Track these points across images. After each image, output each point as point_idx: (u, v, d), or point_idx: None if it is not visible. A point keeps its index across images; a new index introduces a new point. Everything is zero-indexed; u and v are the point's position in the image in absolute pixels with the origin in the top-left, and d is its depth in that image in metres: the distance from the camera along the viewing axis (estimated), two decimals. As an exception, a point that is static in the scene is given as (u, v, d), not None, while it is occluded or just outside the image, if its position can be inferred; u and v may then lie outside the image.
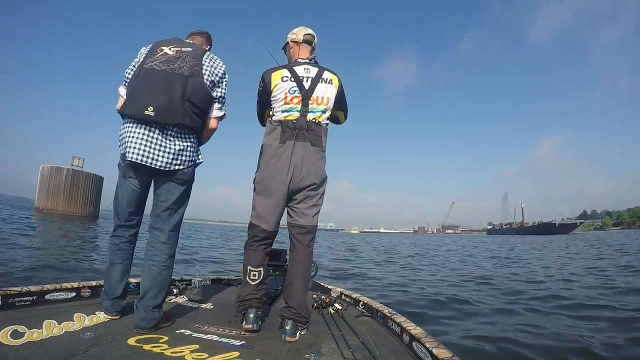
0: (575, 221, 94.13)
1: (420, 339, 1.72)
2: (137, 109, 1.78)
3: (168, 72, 1.83)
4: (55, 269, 5.47)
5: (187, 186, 2.03)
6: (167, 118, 1.80)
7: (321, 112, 2.14)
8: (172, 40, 1.98)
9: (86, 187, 27.65)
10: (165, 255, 1.99)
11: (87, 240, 10.99)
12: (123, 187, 1.95)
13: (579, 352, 2.96)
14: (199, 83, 1.87)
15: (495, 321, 4.00)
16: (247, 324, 2.02)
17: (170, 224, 2.01)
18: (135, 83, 1.83)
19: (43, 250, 7.46)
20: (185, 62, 1.87)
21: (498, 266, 10.23)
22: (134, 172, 1.90)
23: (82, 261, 6.57)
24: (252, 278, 2.12)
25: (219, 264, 8.40)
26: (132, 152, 1.79)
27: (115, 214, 2.01)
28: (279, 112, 2.12)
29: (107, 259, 2.04)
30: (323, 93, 2.13)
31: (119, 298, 2.02)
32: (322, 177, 2.15)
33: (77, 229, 14.66)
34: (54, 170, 26.43)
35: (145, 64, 1.85)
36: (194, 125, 1.89)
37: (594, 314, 4.21)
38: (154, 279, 1.96)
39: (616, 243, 22.45)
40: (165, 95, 1.79)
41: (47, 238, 10.25)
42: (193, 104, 1.85)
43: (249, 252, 2.16)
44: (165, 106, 1.78)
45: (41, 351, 1.52)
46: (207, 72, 1.91)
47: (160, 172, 1.90)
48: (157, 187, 1.98)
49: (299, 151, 2.06)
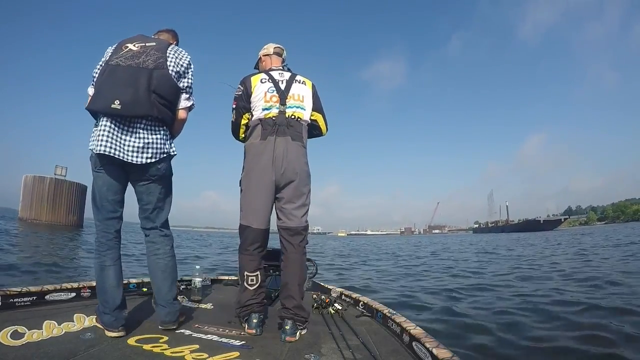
0: (560, 217, 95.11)
1: (420, 339, 1.72)
2: (103, 103, 1.77)
3: (133, 67, 1.83)
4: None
5: (166, 181, 2.02)
6: (134, 110, 1.79)
7: (300, 108, 2.21)
8: (137, 37, 2.00)
9: (70, 196, 27.25)
10: (167, 245, 2.03)
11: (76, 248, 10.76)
12: (98, 177, 1.87)
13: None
14: (164, 75, 1.87)
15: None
16: (250, 329, 2.02)
17: (161, 219, 2.04)
18: (101, 80, 1.83)
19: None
20: (150, 56, 1.88)
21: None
22: (105, 165, 1.85)
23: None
24: (250, 283, 2.13)
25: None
26: (98, 144, 1.76)
27: (97, 209, 1.89)
28: (259, 110, 2.18)
29: (96, 264, 1.88)
30: (298, 91, 2.24)
31: (120, 309, 1.85)
32: (305, 172, 2.19)
33: (62, 240, 14.02)
34: (37, 179, 25.97)
35: (110, 61, 1.86)
36: (162, 116, 1.89)
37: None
38: (163, 271, 1.98)
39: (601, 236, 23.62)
40: (131, 88, 1.79)
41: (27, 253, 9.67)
42: (159, 95, 1.85)
43: (244, 257, 2.15)
44: (131, 99, 1.77)
45: (41, 352, 1.52)
46: (172, 64, 1.92)
47: (133, 168, 1.87)
48: (137, 191, 1.97)
49: (280, 146, 2.10)
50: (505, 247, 17.69)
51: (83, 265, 7.17)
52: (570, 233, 38.62)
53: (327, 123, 2.42)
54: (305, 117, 2.24)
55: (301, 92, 2.24)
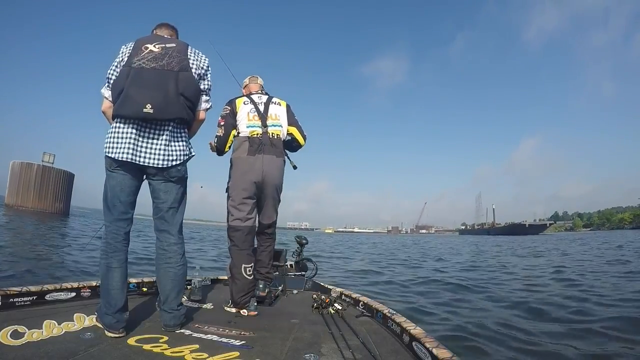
0: (545, 222, 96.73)
1: (420, 339, 1.72)
2: (134, 108, 1.77)
3: (158, 69, 1.84)
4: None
5: (183, 183, 2.04)
6: (166, 113, 1.83)
7: (278, 126, 2.64)
8: (154, 37, 2.00)
9: (57, 184, 27.09)
10: (178, 255, 2.02)
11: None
12: (112, 177, 1.86)
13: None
14: (189, 77, 1.91)
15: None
16: (252, 312, 2.40)
17: (176, 223, 2.03)
18: (126, 83, 1.81)
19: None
20: (173, 58, 1.89)
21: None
22: (122, 166, 1.85)
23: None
24: (248, 273, 2.51)
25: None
26: (120, 151, 1.79)
27: (107, 209, 1.88)
28: (244, 128, 2.56)
29: (101, 264, 1.87)
30: (275, 111, 2.67)
31: (122, 311, 1.84)
32: (280, 184, 2.66)
33: (48, 231, 13.31)
34: (24, 166, 25.71)
35: (132, 63, 1.84)
36: (189, 118, 1.95)
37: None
38: (172, 280, 1.99)
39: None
40: (161, 91, 1.81)
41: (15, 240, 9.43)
42: (186, 97, 1.89)
43: (239, 252, 2.52)
44: (162, 102, 1.80)
45: (41, 351, 1.51)
46: (194, 66, 1.95)
47: (154, 170, 1.90)
48: (154, 189, 1.97)
49: (267, 162, 2.52)
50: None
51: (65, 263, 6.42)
52: (556, 237, 39.25)
53: (304, 133, 2.78)
54: (283, 133, 2.66)
55: (277, 112, 2.67)
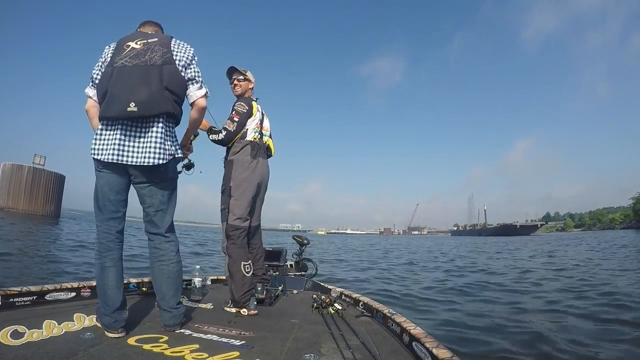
0: (536, 223, 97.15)
1: (420, 339, 1.72)
2: (119, 108, 1.74)
3: (140, 65, 1.80)
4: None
5: (169, 183, 1.98)
6: (152, 110, 1.77)
7: (267, 137, 2.93)
8: (137, 34, 1.96)
9: (47, 186, 26.89)
10: (172, 252, 2.00)
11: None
12: (100, 177, 1.84)
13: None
14: (173, 70, 1.85)
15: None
16: (253, 311, 2.43)
17: (166, 224, 1.99)
18: (110, 83, 1.78)
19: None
20: (155, 52, 1.84)
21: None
22: (108, 165, 1.83)
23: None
24: (247, 270, 2.56)
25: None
26: (105, 153, 1.75)
27: (98, 209, 1.87)
28: (251, 132, 2.73)
29: (96, 264, 1.86)
30: (266, 123, 2.94)
31: (120, 310, 1.83)
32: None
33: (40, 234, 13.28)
34: (15, 168, 25.48)
35: (115, 62, 1.81)
36: (176, 112, 1.88)
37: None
38: (168, 277, 1.97)
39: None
40: (144, 87, 1.76)
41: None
42: (171, 91, 1.83)
43: (238, 250, 2.58)
44: (146, 98, 1.75)
45: (41, 351, 1.50)
46: (177, 58, 1.89)
47: (137, 170, 1.85)
48: (139, 194, 1.94)
49: (264, 166, 2.77)
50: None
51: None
52: (544, 239, 39.52)
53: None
54: (268, 143, 2.93)
55: (267, 124, 2.96)
